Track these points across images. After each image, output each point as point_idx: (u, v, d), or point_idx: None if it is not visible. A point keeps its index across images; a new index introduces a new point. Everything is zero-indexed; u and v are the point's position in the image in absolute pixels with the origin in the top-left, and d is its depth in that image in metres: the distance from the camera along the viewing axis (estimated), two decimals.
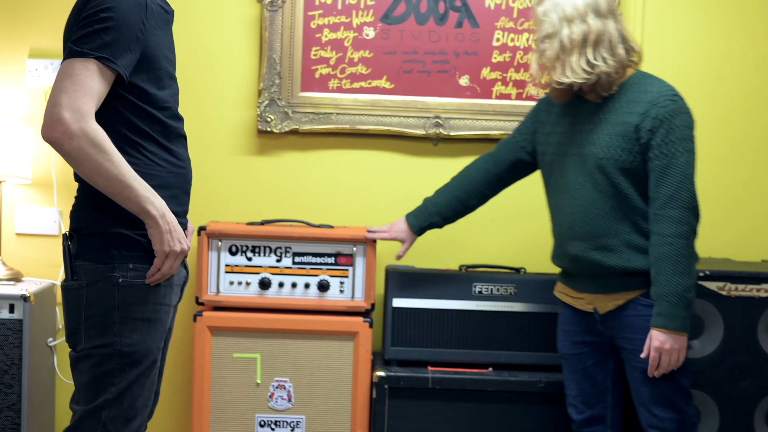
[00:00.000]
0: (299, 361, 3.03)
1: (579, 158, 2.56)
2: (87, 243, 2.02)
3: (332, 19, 3.27)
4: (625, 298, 2.55)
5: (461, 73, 3.30)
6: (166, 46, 2.11)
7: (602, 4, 2.48)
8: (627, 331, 2.56)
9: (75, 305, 2.02)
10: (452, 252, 3.35)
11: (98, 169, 1.90)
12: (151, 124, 2.04)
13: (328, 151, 3.33)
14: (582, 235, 2.56)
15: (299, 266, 3.06)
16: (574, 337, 2.72)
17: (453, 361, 3.08)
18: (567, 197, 2.60)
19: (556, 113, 2.69)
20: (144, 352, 2.03)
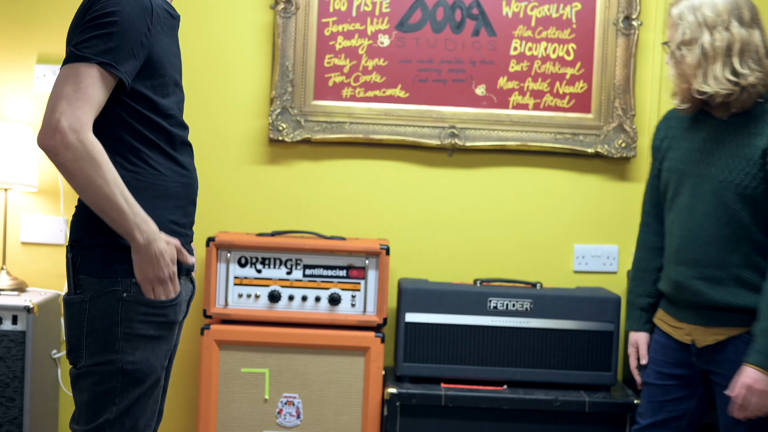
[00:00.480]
0: (309, 377, 2.96)
1: (696, 178, 2.37)
2: (88, 255, 1.94)
3: (346, 27, 3.20)
4: (727, 334, 2.34)
5: (477, 83, 3.23)
6: (172, 52, 2.04)
7: (745, 11, 2.30)
8: (725, 368, 2.35)
9: (77, 320, 1.95)
10: (467, 265, 3.27)
11: (89, 184, 1.83)
12: (155, 132, 1.97)
13: (340, 161, 3.26)
14: (688, 261, 2.37)
15: (310, 279, 2.98)
16: (661, 368, 2.51)
17: (466, 378, 3.00)
18: (678, 218, 2.41)
19: (677, 127, 2.49)
20: (147, 370, 1.95)
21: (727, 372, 2.33)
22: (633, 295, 2.67)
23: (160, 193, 1.97)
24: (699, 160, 2.38)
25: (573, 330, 3.00)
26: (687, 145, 2.44)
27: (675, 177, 2.45)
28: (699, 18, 2.29)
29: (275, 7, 3.17)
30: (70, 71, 1.83)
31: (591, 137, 3.22)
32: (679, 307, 2.46)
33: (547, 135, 3.22)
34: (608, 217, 3.29)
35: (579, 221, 3.30)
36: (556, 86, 3.23)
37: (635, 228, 3.27)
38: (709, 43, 2.27)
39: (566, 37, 3.22)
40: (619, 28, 3.20)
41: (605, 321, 2.99)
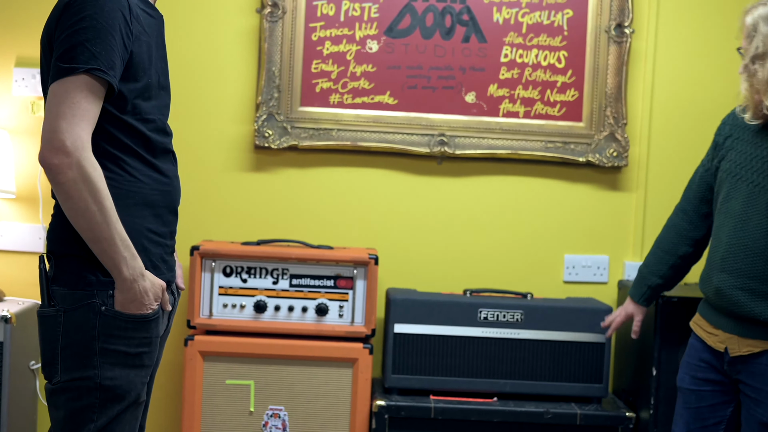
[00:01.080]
0: (295, 389, 2.89)
1: (753, 187, 2.29)
2: (63, 266, 1.86)
3: (334, 32, 3.14)
4: (762, 347, 2.27)
5: (467, 90, 3.18)
6: (155, 53, 1.96)
7: None
8: (755, 379, 2.28)
9: (51, 333, 1.86)
10: (456, 275, 3.22)
11: (85, 209, 1.75)
12: (132, 137, 1.89)
13: (327, 168, 3.19)
14: (732, 270, 2.30)
15: (297, 289, 2.92)
16: (696, 372, 2.44)
17: (456, 390, 2.94)
18: (728, 224, 2.33)
19: (744, 128, 2.39)
20: (127, 387, 1.87)
21: (758, 385, 2.27)
22: (647, 270, 2.63)
23: (138, 201, 1.89)
24: (759, 168, 2.30)
25: (564, 341, 2.95)
26: (750, 151, 2.35)
27: (730, 179, 2.36)
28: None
29: (261, 11, 3.11)
30: (60, 89, 1.76)
31: (582, 146, 3.18)
32: (716, 313, 2.38)
33: (537, 143, 3.18)
34: (599, 227, 3.25)
35: (569, 231, 3.25)
36: (547, 94, 3.18)
37: (626, 238, 3.25)
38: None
39: (557, 44, 3.18)
40: (611, 36, 3.16)
41: (597, 332, 2.94)
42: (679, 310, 2.82)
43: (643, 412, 2.90)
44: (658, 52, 3.22)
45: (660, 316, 2.83)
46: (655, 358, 2.83)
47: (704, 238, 2.56)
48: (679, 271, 2.62)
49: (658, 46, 3.22)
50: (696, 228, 2.55)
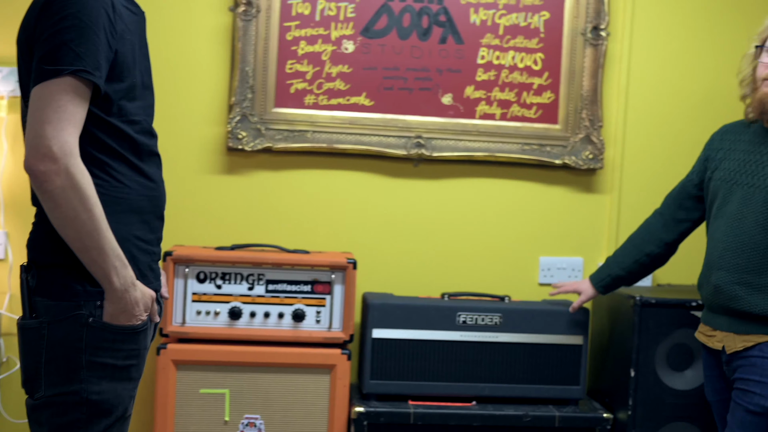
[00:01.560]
0: (271, 397, 2.83)
1: (748, 188, 2.40)
2: (46, 276, 1.79)
3: (309, 31, 3.09)
4: (755, 341, 2.34)
5: (444, 91, 3.15)
6: (139, 51, 1.89)
7: None
8: (746, 371, 2.35)
9: (34, 346, 1.78)
10: (432, 278, 3.18)
11: (74, 217, 1.68)
12: (119, 141, 1.82)
13: (303, 171, 3.14)
14: (730, 266, 2.38)
15: (273, 294, 2.86)
16: (714, 383, 2.52)
17: (434, 394, 2.91)
18: (723, 225, 2.42)
19: (733, 140, 2.52)
20: (115, 401, 1.81)
21: (747, 375, 2.34)
22: (613, 260, 2.78)
23: (125, 208, 1.82)
24: (753, 171, 2.41)
25: (542, 344, 2.95)
26: (743, 158, 2.46)
27: (726, 186, 2.47)
28: None
29: (235, 9, 3.04)
30: (44, 92, 1.68)
31: (558, 148, 3.17)
32: (714, 314, 2.47)
33: (514, 146, 3.16)
34: (574, 229, 3.25)
35: (545, 233, 3.24)
36: (523, 96, 3.17)
37: (601, 240, 3.26)
38: None
39: (534, 46, 3.16)
40: (587, 39, 3.15)
41: (574, 334, 2.94)
42: (657, 311, 2.84)
43: (621, 413, 2.90)
44: (632, 55, 3.22)
45: (638, 318, 2.83)
46: (633, 360, 2.83)
47: (674, 242, 2.71)
48: (643, 269, 2.74)
49: (632, 49, 3.22)
50: (668, 231, 2.68)
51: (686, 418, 2.86)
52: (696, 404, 2.86)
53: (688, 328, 2.84)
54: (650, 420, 2.85)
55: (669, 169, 3.26)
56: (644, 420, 2.85)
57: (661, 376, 2.86)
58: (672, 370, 2.88)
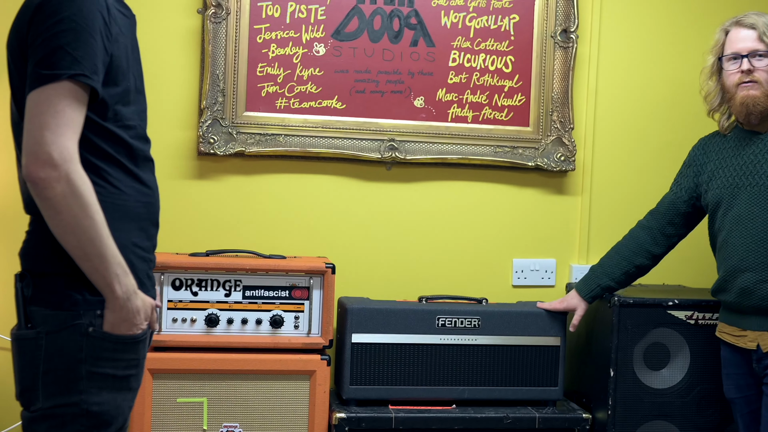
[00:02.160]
0: (250, 405, 2.78)
1: (752, 188, 2.50)
2: (43, 285, 1.72)
3: (280, 34, 3.05)
4: None
5: (416, 94, 3.14)
6: (132, 56, 1.85)
7: None
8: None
9: (30, 357, 1.72)
10: (408, 281, 3.17)
11: (76, 224, 1.63)
12: (115, 146, 1.77)
13: (276, 175, 3.09)
14: (755, 266, 2.47)
15: (250, 301, 2.81)
16: (738, 380, 2.58)
17: (414, 398, 2.89)
18: (738, 229, 2.51)
19: (718, 149, 2.65)
20: (114, 412, 1.75)
21: None
22: (600, 270, 2.86)
23: (122, 214, 1.77)
24: (752, 171, 2.51)
25: (520, 346, 2.95)
26: (738, 163, 2.57)
27: (728, 194, 2.57)
28: None
29: (204, 11, 2.99)
30: (41, 97, 1.63)
31: (530, 150, 3.19)
32: (743, 316, 2.53)
33: (486, 148, 3.17)
34: (546, 230, 3.26)
35: (518, 235, 3.25)
36: (494, 99, 3.18)
37: (573, 241, 3.28)
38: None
39: (504, 49, 3.18)
40: (557, 41, 3.18)
41: (552, 335, 2.95)
42: (635, 311, 2.86)
43: (599, 413, 2.92)
44: (601, 57, 3.26)
45: (617, 318, 2.85)
46: (612, 360, 2.85)
47: (661, 254, 2.84)
48: (631, 278, 2.86)
49: (601, 51, 3.26)
50: (657, 245, 2.81)
51: (664, 416, 2.89)
52: (673, 402, 2.89)
53: (664, 327, 2.88)
54: (629, 419, 2.87)
55: (637, 170, 3.31)
56: (623, 419, 2.87)
57: (639, 376, 2.88)
58: (649, 369, 2.91)
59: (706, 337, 2.86)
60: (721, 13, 3.29)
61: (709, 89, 2.67)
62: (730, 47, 2.56)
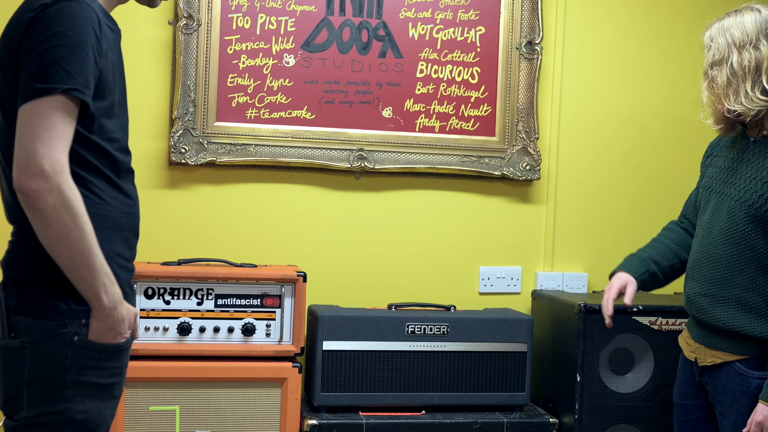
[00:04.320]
0: (222, 412, 2.80)
1: (719, 196, 2.37)
2: (27, 295, 1.73)
3: (250, 45, 3.09)
4: (723, 359, 2.32)
5: (384, 105, 3.19)
6: (117, 69, 1.87)
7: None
8: (718, 392, 2.34)
9: (15, 367, 1.73)
10: (376, 289, 3.22)
11: (66, 236, 1.65)
12: (99, 158, 1.79)
13: (246, 184, 3.12)
14: (698, 277, 2.37)
15: (222, 309, 2.83)
16: (683, 387, 2.50)
17: (384, 405, 2.93)
18: (699, 235, 2.41)
19: (720, 146, 2.49)
20: (98, 420, 1.76)
21: (722, 398, 2.33)
22: (645, 254, 2.58)
23: (107, 225, 1.79)
24: (725, 179, 2.39)
25: (489, 352, 3.00)
26: (720, 164, 2.45)
27: (705, 194, 2.46)
28: (728, 39, 2.28)
29: (175, 23, 3.01)
30: (34, 109, 1.65)
31: (496, 160, 3.25)
32: (691, 322, 2.46)
33: (454, 158, 3.22)
34: (512, 238, 3.33)
35: (484, 243, 3.31)
36: (461, 109, 3.24)
37: (538, 249, 3.35)
38: (737, 63, 2.26)
39: (471, 60, 3.24)
40: (522, 53, 3.25)
41: (519, 342, 3.01)
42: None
43: (566, 417, 2.98)
44: (565, 69, 3.33)
45: (582, 324, 2.91)
46: (579, 365, 2.91)
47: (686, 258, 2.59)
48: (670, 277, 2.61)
49: (565, 63, 3.33)
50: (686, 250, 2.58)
51: (629, 420, 2.96)
52: (638, 406, 2.96)
53: (629, 333, 2.95)
54: (595, 423, 2.94)
55: (601, 179, 3.38)
56: (590, 423, 2.93)
57: (604, 380, 2.95)
58: (614, 374, 2.97)
59: (670, 343, 2.91)
60: (682, 25, 3.39)
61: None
62: None
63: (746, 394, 2.27)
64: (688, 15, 3.41)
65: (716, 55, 2.31)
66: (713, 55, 2.32)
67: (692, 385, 2.47)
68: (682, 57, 3.38)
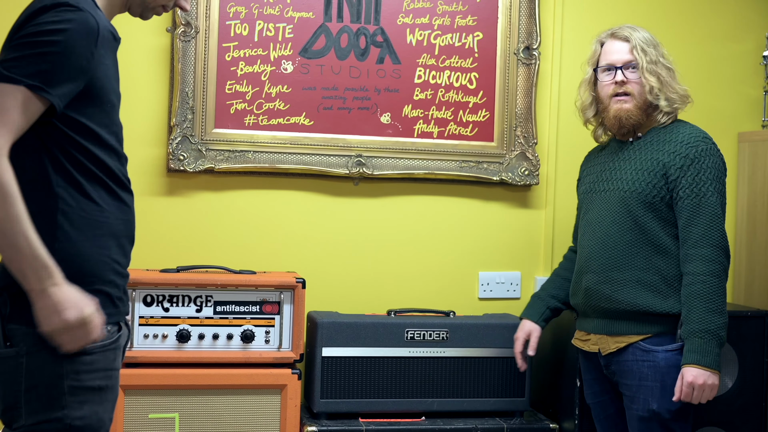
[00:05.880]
0: (222, 420, 2.80)
1: (604, 193, 2.60)
2: (21, 303, 1.73)
3: (248, 52, 3.09)
4: (626, 342, 2.50)
5: (383, 111, 3.19)
6: (113, 77, 1.88)
7: None
8: (625, 376, 2.50)
9: (11, 375, 1.73)
10: (376, 295, 3.21)
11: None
12: (98, 165, 1.80)
13: (245, 191, 3.12)
14: (595, 267, 2.56)
15: (221, 316, 2.83)
16: (593, 386, 2.67)
17: (384, 411, 2.93)
18: (588, 232, 2.61)
19: (594, 157, 2.76)
20: (97, 425, 1.77)
21: (629, 381, 2.48)
22: (544, 293, 2.88)
23: (105, 231, 1.81)
24: (608, 177, 2.61)
25: (488, 357, 3.00)
26: (597, 170, 2.68)
27: (587, 199, 2.68)
28: (654, 41, 2.66)
29: (173, 30, 3.02)
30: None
31: (495, 165, 3.25)
32: (587, 318, 2.62)
33: (452, 163, 3.22)
34: (511, 244, 3.33)
35: (483, 249, 3.31)
36: (459, 115, 3.24)
37: (538, 254, 3.35)
38: (666, 62, 2.66)
39: (469, 66, 3.24)
40: (520, 58, 3.25)
41: None
42: None
43: (566, 423, 2.98)
44: (563, 73, 3.33)
45: None
46: (578, 370, 2.91)
47: None
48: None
49: (563, 67, 3.33)
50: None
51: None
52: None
53: None
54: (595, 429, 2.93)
55: None
56: (590, 429, 2.91)
57: None
58: None
59: None
60: (679, 31, 3.40)
61: (584, 100, 2.73)
62: (605, 58, 2.62)
63: (654, 369, 2.46)
64: (685, 21, 3.42)
65: (652, 57, 2.60)
66: (650, 56, 2.60)
67: (600, 381, 2.63)
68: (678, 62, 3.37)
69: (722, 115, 3.46)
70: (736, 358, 2.94)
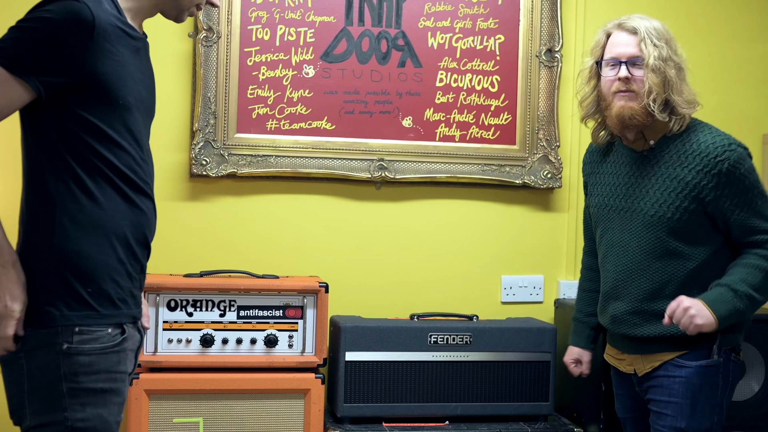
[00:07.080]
0: (245, 424, 2.80)
1: (624, 213, 2.38)
2: None
3: (270, 56, 3.09)
4: (661, 360, 2.34)
5: (404, 114, 3.19)
6: (131, 76, 1.85)
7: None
8: (656, 392, 2.36)
9: (15, 378, 1.74)
10: (399, 299, 3.20)
11: None
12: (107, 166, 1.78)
13: (267, 195, 3.13)
14: (623, 296, 2.37)
15: (245, 320, 2.83)
16: (625, 402, 2.52)
17: (408, 415, 2.92)
18: (611, 254, 2.40)
19: (598, 162, 2.52)
20: (101, 427, 1.75)
21: (659, 397, 2.35)
22: (581, 314, 2.67)
23: (108, 230, 1.78)
24: (625, 194, 2.39)
25: (512, 362, 2.99)
26: (611, 181, 2.45)
27: (603, 213, 2.45)
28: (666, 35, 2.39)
29: (195, 35, 3.03)
30: None
31: (517, 168, 3.24)
32: (619, 338, 2.45)
33: (474, 167, 3.21)
34: (534, 247, 3.31)
35: (506, 252, 3.30)
36: (481, 118, 3.23)
37: (561, 257, 3.33)
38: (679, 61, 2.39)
39: (490, 68, 3.23)
40: (542, 61, 3.24)
41: (542, 351, 3.00)
42: None
43: (591, 427, 2.96)
44: None
45: None
46: (602, 374, 2.88)
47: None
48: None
49: None
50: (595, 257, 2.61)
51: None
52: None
53: None
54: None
55: None
56: None
57: None
58: None
59: None
60: (702, 32, 3.37)
61: (585, 94, 2.46)
62: (610, 51, 2.36)
63: (685, 385, 2.30)
64: (709, 22, 3.39)
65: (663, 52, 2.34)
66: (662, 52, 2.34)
67: (632, 398, 2.49)
68: (701, 63, 3.36)
69: (747, 116, 3.43)
70: (763, 363, 2.91)
